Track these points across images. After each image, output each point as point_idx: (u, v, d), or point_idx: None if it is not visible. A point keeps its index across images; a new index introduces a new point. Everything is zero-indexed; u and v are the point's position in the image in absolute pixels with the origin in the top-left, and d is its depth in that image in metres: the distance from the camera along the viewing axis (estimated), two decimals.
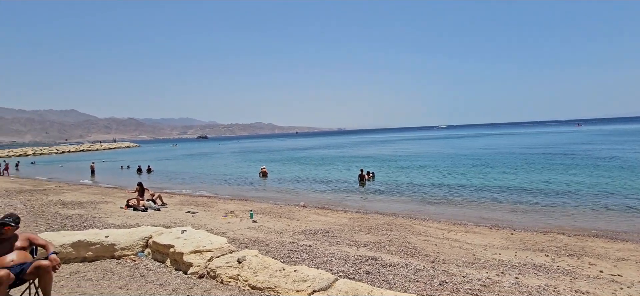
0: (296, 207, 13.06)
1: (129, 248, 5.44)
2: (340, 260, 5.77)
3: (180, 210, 11.28)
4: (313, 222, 9.77)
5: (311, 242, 7.12)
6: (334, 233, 8.21)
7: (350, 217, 10.68)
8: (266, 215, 10.78)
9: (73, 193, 15.29)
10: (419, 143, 60.33)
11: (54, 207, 11.03)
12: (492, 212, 11.78)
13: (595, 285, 5.05)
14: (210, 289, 4.13)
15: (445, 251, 6.81)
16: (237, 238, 7.31)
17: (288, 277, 4.03)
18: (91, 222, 8.75)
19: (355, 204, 13.90)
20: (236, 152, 62.11)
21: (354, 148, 54.60)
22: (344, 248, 6.77)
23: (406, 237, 7.89)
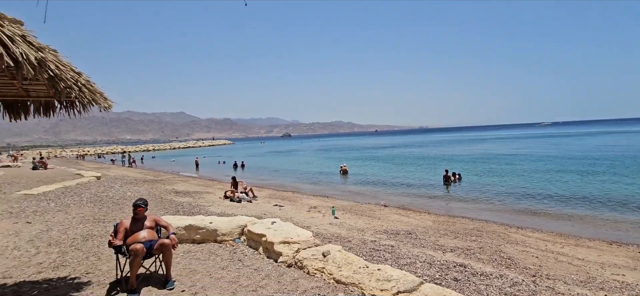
0: (377, 206, 12.96)
1: (228, 235, 6.12)
2: (424, 263, 5.57)
3: (268, 203, 12.19)
4: (395, 222, 9.59)
5: (393, 242, 7.01)
6: (417, 235, 7.93)
7: (435, 220, 10.17)
8: (347, 212, 10.95)
9: (183, 183, 17.77)
10: (516, 143, 53.88)
11: (169, 195, 12.99)
12: (612, 225, 9.93)
13: None
14: (298, 278, 4.41)
15: (549, 265, 6.02)
16: (320, 232, 7.61)
17: (372, 275, 4.07)
18: (197, 209, 10.07)
19: (439, 206, 13.17)
20: (317, 149, 64.28)
21: (438, 148, 51.57)
22: (429, 251, 6.50)
23: (500, 246, 7.20)
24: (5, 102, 4.34)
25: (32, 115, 4.57)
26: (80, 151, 75.93)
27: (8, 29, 2.07)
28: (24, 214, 8.39)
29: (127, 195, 12.03)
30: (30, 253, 5.51)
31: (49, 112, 4.50)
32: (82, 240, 6.23)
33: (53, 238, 6.34)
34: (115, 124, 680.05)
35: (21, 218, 7.92)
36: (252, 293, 3.98)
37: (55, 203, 9.99)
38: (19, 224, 7.39)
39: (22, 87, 4.19)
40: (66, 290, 4.10)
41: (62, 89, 2.67)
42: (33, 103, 4.41)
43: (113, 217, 8.30)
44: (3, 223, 7.45)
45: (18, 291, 4.08)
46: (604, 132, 78.31)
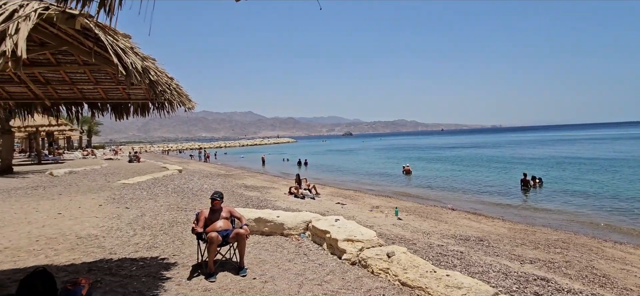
0: (443, 208, 12.33)
1: (293, 229, 6.38)
2: (499, 273, 5.16)
3: (331, 201, 12.38)
4: (464, 227, 9.03)
5: (462, 248, 6.62)
6: (489, 242, 7.37)
7: (510, 228, 9.33)
8: (411, 213, 10.61)
9: (251, 178, 18.94)
10: (614, 144, 46.67)
11: (239, 189, 13.95)
12: None
13: None
14: (362, 277, 4.42)
15: None
16: (383, 233, 7.50)
17: (440, 280, 3.91)
18: (265, 203, 10.66)
19: (516, 213, 12.03)
20: (379, 148, 63.25)
21: (515, 149, 47.02)
22: (503, 261, 6.00)
23: (591, 261, 6.34)
24: (112, 104, 5.10)
25: (131, 115, 5.29)
26: (165, 147, 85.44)
27: (121, 43, 2.45)
28: (123, 200, 9.75)
29: (204, 187, 13.21)
30: (129, 234, 6.39)
31: (144, 112, 5.18)
32: (168, 225, 7.03)
33: (146, 222, 7.27)
34: (193, 123, 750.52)
35: (121, 204, 9.22)
36: (318, 287, 4.10)
37: (146, 192, 11.41)
38: (120, 209, 8.62)
39: (125, 91, 4.89)
40: (157, 268, 4.68)
41: (159, 92, 3.06)
42: (133, 105, 5.12)
43: (193, 206, 9.21)
44: (109, 208, 8.76)
45: (121, 265, 4.77)
46: None
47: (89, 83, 4.69)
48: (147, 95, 4.82)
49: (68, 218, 7.59)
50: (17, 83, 4.64)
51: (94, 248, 5.56)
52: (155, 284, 4.14)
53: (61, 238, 6.05)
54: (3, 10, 2.08)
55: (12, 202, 9.43)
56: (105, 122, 70.51)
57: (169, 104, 4.62)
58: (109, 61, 2.76)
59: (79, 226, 6.89)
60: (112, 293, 3.88)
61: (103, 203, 9.27)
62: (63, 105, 5.13)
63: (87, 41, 2.55)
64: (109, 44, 2.30)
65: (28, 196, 10.46)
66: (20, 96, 4.95)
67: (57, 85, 4.76)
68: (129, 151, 44.68)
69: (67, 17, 2.13)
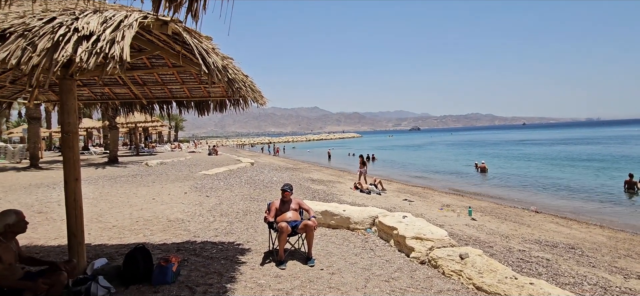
0: (525, 210, 11.16)
1: (360, 223, 6.37)
2: (596, 286, 4.50)
3: (397, 197, 12.06)
4: (550, 232, 8.06)
5: (549, 256, 5.91)
6: (583, 251, 6.46)
7: (610, 236, 8.06)
8: (487, 214, 9.82)
9: (317, 172, 19.38)
10: None
11: (306, 182, 14.38)
12: None
13: None
14: (432, 277, 4.23)
15: None
16: (455, 233, 7.07)
17: (522, 288, 3.54)
18: (331, 196, 10.82)
19: (618, 219, 10.34)
20: (450, 144, 59.62)
21: (617, 145, 40.33)
22: (602, 273, 5.21)
23: None
24: (195, 101, 5.64)
25: (211, 112, 5.79)
26: (239, 141, 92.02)
27: (204, 44, 2.69)
28: (204, 189, 10.76)
29: (274, 179, 13.91)
30: (209, 220, 7.04)
31: (222, 109, 5.63)
32: (243, 214, 7.57)
33: (223, 210, 7.93)
34: (263, 118, 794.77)
35: (203, 193, 10.19)
36: (385, 284, 4.04)
37: (223, 182, 12.43)
38: (201, 197, 9.53)
39: (206, 90, 5.37)
40: (234, 252, 5.08)
41: (235, 89, 3.29)
42: (212, 102, 5.59)
43: (264, 197, 9.76)
44: (192, 195, 9.75)
45: (204, 247, 5.28)
46: None
47: (177, 84, 5.26)
48: (224, 92, 5.23)
49: (160, 203, 8.64)
50: (121, 85, 5.41)
51: (181, 230, 6.24)
52: (232, 267, 4.50)
53: (155, 220, 6.92)
54: (112, 21, 2.43)
55: (117, 187, 11.07)
56: (188, 118, 78.62)
57: (244, 100, 4.95)
58: (194, 62, 3.05)
59: (169, 210, 7.80)
60: (196, 272, 4.32)
61: (188, 191, 10.34)
62: (156, 103, 5.83)
63: (176, 45, 2.85)
64: (195, 46, 2.54)
65: (129, 183, 12.16)
66: (123, 96, 5.76)
67: (151, 86, 5.42)
68: (208, 145, 49.11)
69: (161, 23, 2.41)
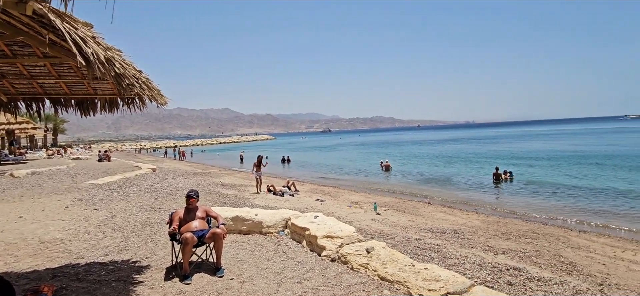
0: (421, 203, 12.58)
1: (272, 227, 6.28)
2: (474, 264, 5.29)
3: (310, 198, 12.33)
4: (440, 220, 9.23)
5: (439, 242, 6.75)
6: (464, 234, 7.57)
7: (484, 220, 9.63)
8: (390, 208, 10.74)
9: (229, 176, 18.58)
10: (584, 137, 49.32)
11: (216, 187, 13.63)
12: None
13: None
14: (342, 273, 4.40)
15: (618, 274, 5.43)
16: (362, 228, 7.53)
17: (418, 274, 3.94)
18: (243, 201, 10.46)
19: (488, 206, 12.45)
20: (358, 145, 63.84)
21: (488, 144, 48.71)
22: (478, 252, 6.17)
23: (559, 250, 6.63)
24: (77, 99, 4.80)
25: (99, 112, 5.00)
26: (138, 145, 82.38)
27: (81, 31, 2.26)
28: (92, 202, 9.28)
29: (179, 186, 12.82)
30: (98, 237, 6.07)
31: (113, 108, 4.91)
32: (141, 226, 6.74)
33: (117, 224, 6.94)
34: (168, 120, 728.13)
35: (90, 206, 8.76)
36: (297, 285, 4.04)
37: (117, 192, 10.92)
38: (88, 211, 8.19)
39: (90, 86, 4.61)
40: (129, 272, 4.46)
41: (126, 86, 2.88)
42: (100, 100, 4.83)
43: (168, 206, 8.89)
44: (75, 209, 8.30)
45: (89, 270, 4.51)
46: None
47: (50, 78, 4.39)
48: (114, 89, 4.56)
49: (30, 221, 7.12)
50: None
51: (59, 252, 5.23)
52: (126, 288, 3.94)
53: (22, 243, 5.66)
54: None
55: None
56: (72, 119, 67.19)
57: (139, 99, 4.39)
58: (70, 52, 2.56)
59: (43, 230, 6.48)
60: None
61: (70, 205, 8.77)
62: (21, 101, 4.78)
63: (43, 29, 2.35)
64: (66, 31, 2.12)
65: None
66: None
67: (13, 80, 4.42)
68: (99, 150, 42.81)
69: (17, 1, 1.94)
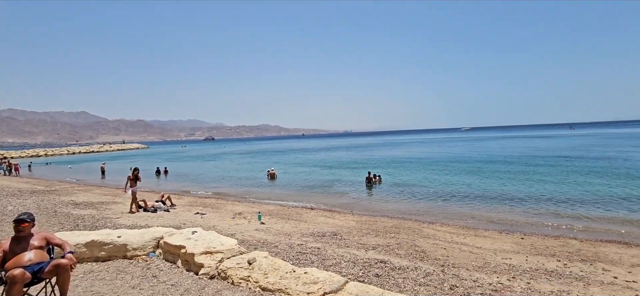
0: (304, 209, 13.09)
1: (140, 249, 5.51)
2: (349, 262, 5.78)
3: (189, 212, 11.38)
4: (321, 224, 9.79)
5: (320, 245, 7.13)
6: (342, 235, 8.21)
7: (358, 220, 10.66)
8: (274, 216, 10.82)
9: (84, 193, 15.54)
10: (432, 146, 59.97)
11: (66, 207, 11.21)
12: (502, 215, 11.65)
13: (610, 291, 4.98)
14: (221, 290, 4.16)
15: (454, 255, 6.76)
16: (246, 239, 7.35)
17: (298, 279, 4.05)
18: (103, 222, 8.88)
19: (362, 207, 13.88)
20: (244, 153, 62.52)
21: (362, 151, 54.51)
22: (353, 250, 6.76)
23: (415, 240, 7.86)
24: None
25: None
26: None
27: None
28: None
29: (8, 209, 10.05)
30: None
31: None
32: None
33: None
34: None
35: None
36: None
37: None
38: None
39: None
40: None
41: None
42: None
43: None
44: None
45: None
46: (505, 137, 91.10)
47: None
48: None
49: None
50: None
51: None
52: None
53: None
54: None
55: None
56: None
57: None
58: None
59: None
60: None
61: None
62: None
63: None
64: None
65: None
66: None
67: None
68: None
69: None
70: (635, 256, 6.95)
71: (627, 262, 6.48)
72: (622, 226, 9.77)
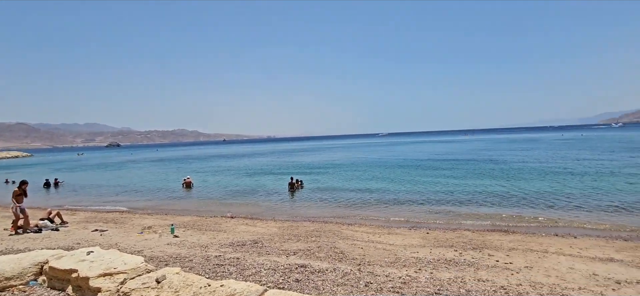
0: (223, 218, 12.51)
1: (16, 278, 4.57)
2: (269, 270, 5.68)
3: (85, 229, 9.91)
4: (241, 233, 9.46)
5: (239, 254, 6.88)
6: (263, 243, 8.05)
7: (280, 226, 10.61)
8: (190, 228, 10.10)
9: None
10: (352, 150, 63.01)
11: None
12: (412, 214, 12.83)
13: (493, 273, 5.84)
14: None
15: (370, 253, 7.18)
16: (155, 255, 6.69)
17: (214, 293, 3.81)
18: None
19: (285, 213, 13.87)
20: (155, 161, 57.13)
21: (286, 157, 54.61)
22: (274, 257, 6.68)
23: (334, 243, 8.13)
24: None
25: None
26: None
27: None
28: None
29: None
30: None
31: None
32: None
33: None
34: None
35: None
36: None
37: None
38: None
39: None
40: None
41: None
42: None
43: None
44: None
45: None
46: (418, 142, 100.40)
47: None
48: None
49: None
50: None
51: None
52: None
53: None
54: None
55: None
56: None
57: None
58: None
59: None
60: None
61: None
62: None
63: None
64: None
65: None
66: None
67: None
68: None
69: None
70: (512, 241, 8.32)
71: (506, 247, 7.71)
72: (502, 218, 11.62)
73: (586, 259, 6.67)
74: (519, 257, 6.82)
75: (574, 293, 4.96)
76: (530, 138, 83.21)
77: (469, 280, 5.40)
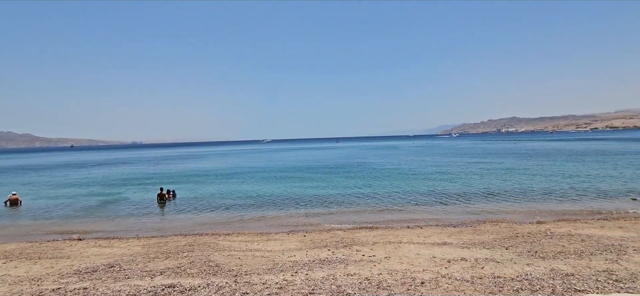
0: (67, 241, 10.22)
1: None
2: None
3: None
4: (92, 257, 7.89)
5: (87, 283, 5.69)
6: (121, 266, 6.89)
7: (145, 244, 9.31)
8: (15, 259, 7.86)
9: None
10: (232, 157, 60.56)
11: None
12: (289, 218, 13.16)
13: (360, 266, 6.46)
14: None
15: (248, 262, 6.99)
16: None
17: None
18: None
19: (152, 228, 12.27)
20: None
21: (156, 165, 48.64)
22: (135, 281, 5.78)
23: (209, 256, 7.60)
24: None
25: None
26: None
27: None
28: None
29: None
30: None
31: None
32: None
33: None
34: None
35: None
36: None
37: None
38: None
39: None
40: None
41: None
42: None
43: None
44: None
45: None
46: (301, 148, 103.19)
47: None
48: None
49: None
50: None
51: None
52: None
53: None
54: None
55: None
56: None
57: None
58: None
59: None
60: None
61: None
62: None
63: None
64: None
65: None
66: None
67: None
68: None
69: None
70: (375, 236, 9.42)
71: (371, 242, 8.68)
72: (368, 215, 13.10)
73: (428, 245, 8.10)
74: (380, 250, 7.76)
75: (419, 274, 5.93)
76: (390, 145, 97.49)
77: (339, 276, 5.82)
